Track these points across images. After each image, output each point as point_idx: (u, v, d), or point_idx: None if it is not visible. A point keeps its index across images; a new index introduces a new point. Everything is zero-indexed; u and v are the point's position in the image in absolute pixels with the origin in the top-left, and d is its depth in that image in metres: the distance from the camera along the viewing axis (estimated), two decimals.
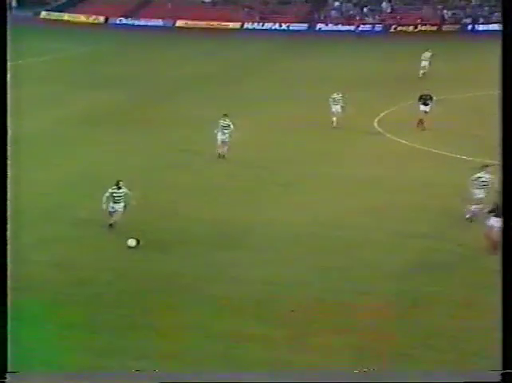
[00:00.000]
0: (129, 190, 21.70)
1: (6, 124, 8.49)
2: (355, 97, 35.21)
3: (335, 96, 34.33)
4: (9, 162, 9.35)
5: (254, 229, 22.37)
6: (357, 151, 31.49)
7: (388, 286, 18.59)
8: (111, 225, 21.46)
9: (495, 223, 19.81)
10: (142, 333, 16.23)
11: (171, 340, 15.93)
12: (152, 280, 18.96)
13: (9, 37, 9.42)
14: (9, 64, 9.29)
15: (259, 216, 23.30)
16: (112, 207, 21.33)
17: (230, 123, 28.95)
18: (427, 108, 33.87)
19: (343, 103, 34.10)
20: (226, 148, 29.04)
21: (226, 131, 28.88)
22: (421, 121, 33.91)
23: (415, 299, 17.95)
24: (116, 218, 21.45)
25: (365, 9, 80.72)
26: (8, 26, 9.39)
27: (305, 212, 23.80)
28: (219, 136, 28.98)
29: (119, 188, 21.32)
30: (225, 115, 29.13)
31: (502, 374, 7.15)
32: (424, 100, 33.96)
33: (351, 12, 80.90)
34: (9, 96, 9.45)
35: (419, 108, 34.08)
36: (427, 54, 48.14)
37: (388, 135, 33.67)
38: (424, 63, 47.89)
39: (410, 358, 15.30)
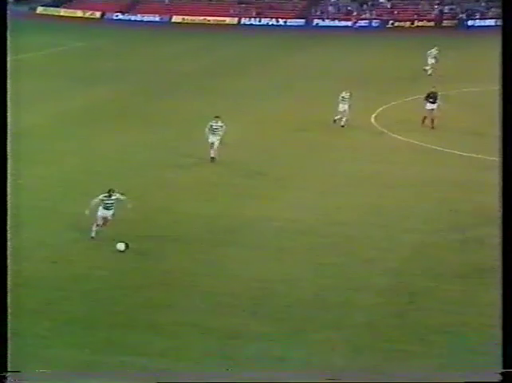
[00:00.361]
0: (123, 193, 21.04)
1: (6, 120, 8.46)
2: (352, 93, 34.99)
3: (343, 94, 33.75)
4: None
5: (250, 226, 22.31)
6: (354, 147, 31.43)
7: (385, 282, 18.58)
8: (92, 237, 20.63)
9: None
10: (137, 329, 16.21)
11: (167, 336, 15.92)
12: (147, 276, 18.94)
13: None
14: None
15: (255, 213, 23.24)
16: (102, 213, 20.59)
17: (222, 124, 28.09)
18: (434, 106, 33.26)
19: (351, 102, 33.48)
20: (217, 149, 28.09)
21: (217, 132, 28.00)
22: (425, 119, 33.40)
23: (412, 295, 17.93)
24: (103, 225, 20.69)
25: (363, 5, 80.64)
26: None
27: (301, 209, 23.75)
28: (210, 139, 28.09)
29: (110, 196, 20.57)
30: (216, 117, 28.30)
31: (502, 374, 7.13)
32: (431, 98, 33.32)
33: (348, 7, 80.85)
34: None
35: (425, 106, 33.46)
36: (434, 52, 46.98)
37: (385, 131, 33.63)
38: (431, 60, 46.75)
39: (407, 354, 15.29)
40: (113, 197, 20.64)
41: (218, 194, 25.22)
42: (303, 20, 79.18)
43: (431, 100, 33.36)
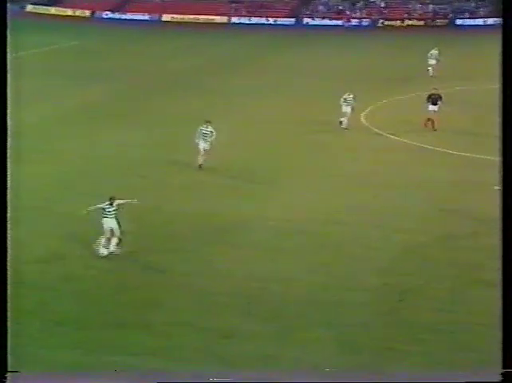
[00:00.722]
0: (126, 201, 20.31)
1: (6, 120, 8.45)
2: (342, 91, 34.90)
3: (346, 96, 33.41)
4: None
5: (244, 225, 22.28)
6: (348, 146, 31.38)
7: (376, 281, 18.61)
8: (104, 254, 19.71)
9: None
10: (129, 329, 16.19)
11: (159, 336, 15.91)
12: (140, 276, 18.93)
13: None
14: None
15: (250, 212, 23.23)
16: (104, 224, 19.77)
17: (212, 130, 27.39)
18: (436, 108, 32.89)
19: (354, 104, 33.29)
20: (205, 155, 27.36)
21: (208, 138, 27.33)
22: (429, 121, 32.98)
23: (402, 293, 17.97)
24: (111, 239, 19.83)
25: (355, 4, 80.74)
26: None
27: (295, 208, 23.76)
28: (201, 145, 27.37)
29: (111, 204, 19.73)
30: (207, 121, 27.66)
31: (502, 374, 7.16)
32: (433, 99, 33.01)
33: (338, 6, 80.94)
34: None
35: (427, 107, 33.19)
36: (434, 52, 46.50)
37: (378, 130, 33.57)
38: (431, 61, 46.25)
39: (398, 353, 15.35)
40: (115, 204, 19.76)
41: (212, 193, 25.18)
42: (293, 19, 79.24)
43: (432, 102, 32.98)
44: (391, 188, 25.70)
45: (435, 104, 33.00)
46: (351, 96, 33.47)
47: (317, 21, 78.29)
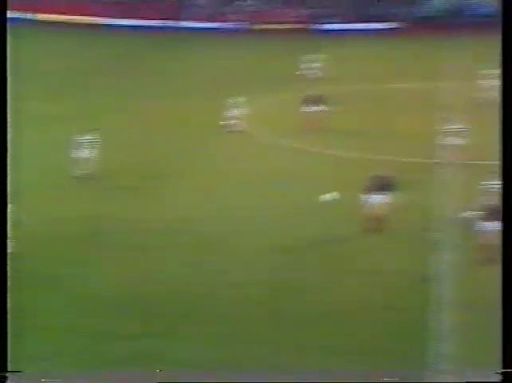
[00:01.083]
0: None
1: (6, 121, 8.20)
2: (223, 95, 35.17)
3: (234, 99, 33.29)
4: None
5: (122, 227, 22.34)
6: (228, 148, 31.55)
7: (257, 277, 19.15)
8: None
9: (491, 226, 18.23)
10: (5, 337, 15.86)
11: (40, 342, 15.71)
12: (17, 281, 18.54)
13: None
14: None
15: (129, 214, 23.34)
16: None
17: (95, 138, 26.99)
18: (316, 109, 32.66)
19: (241, 106, 33.18)
20: (91, 165, 26.88)
21: (90, 148, 26.83)
22: (311, 123, 32.65)
23: (282, 287, 18.66)
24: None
25: (228, 7, 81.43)
26: None
27: (173, 209, 23.96)
28: (82, 154, 26.73)
29: None
30: (90, 130, 27.21)
31: (502, 374, 7.51)
32: (313, 101, 32.83)
33: (216, 9, 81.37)
34: None
35: (307, 109, 32.94)
36: (311, 56, 46.41)
37: (256, 132, 33.89)
38: (309, 64, 46.07)
39: (283, 343, 15.86)
40: None
41: (96, 196, 25.11)
42: (170, 21, 78.90)
43: (312, 103, 32.91)
44: (269, 188, 26.01)
45: (314, 105, 32.90)
46: (239, 99, 33.40)
47: (194, 24, 78.31)
